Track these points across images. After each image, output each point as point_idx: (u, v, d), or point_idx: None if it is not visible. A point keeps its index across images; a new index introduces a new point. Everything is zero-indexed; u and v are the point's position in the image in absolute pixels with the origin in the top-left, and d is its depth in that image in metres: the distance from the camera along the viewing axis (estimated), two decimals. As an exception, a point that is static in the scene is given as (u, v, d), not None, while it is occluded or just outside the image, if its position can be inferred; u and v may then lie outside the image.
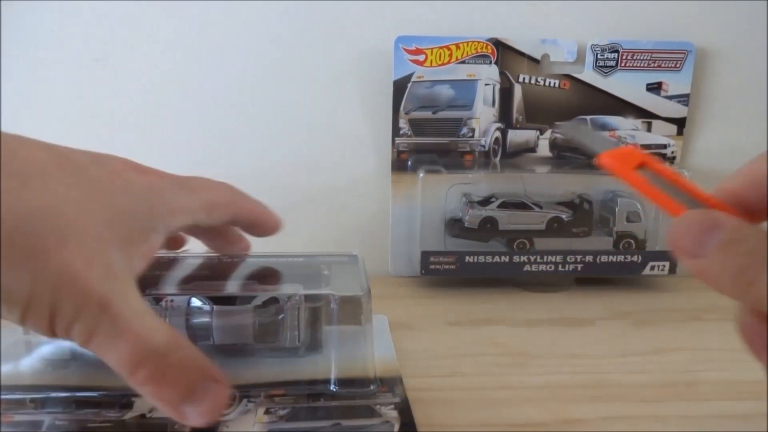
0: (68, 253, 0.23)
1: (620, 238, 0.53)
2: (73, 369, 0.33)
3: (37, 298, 0.22)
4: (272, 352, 0.35)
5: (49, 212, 0.23)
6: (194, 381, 0.24)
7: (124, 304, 0.24)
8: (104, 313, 0.23)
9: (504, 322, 0.46)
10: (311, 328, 0.35)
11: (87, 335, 0.23)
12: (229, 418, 0.30)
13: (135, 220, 0.26)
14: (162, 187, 0.29)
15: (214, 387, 0.25)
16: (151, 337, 0.24)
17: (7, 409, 0.30)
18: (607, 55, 0.54)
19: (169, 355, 0.24)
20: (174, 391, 0.24)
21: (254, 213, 0.34)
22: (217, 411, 0.25)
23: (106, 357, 0.24)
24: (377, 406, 0.32)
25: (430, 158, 0.54)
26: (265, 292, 0.34)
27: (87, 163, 0.26)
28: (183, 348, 0.25)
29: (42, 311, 0.23)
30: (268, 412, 0.31)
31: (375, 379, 0.34)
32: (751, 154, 0.64)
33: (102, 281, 0.24)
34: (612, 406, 0.34)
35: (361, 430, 0.30)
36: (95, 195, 0.25)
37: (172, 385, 0.24)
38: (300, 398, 0.32)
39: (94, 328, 0.23)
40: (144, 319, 0.25)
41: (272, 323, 0.34)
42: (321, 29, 0.53)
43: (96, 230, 0.24)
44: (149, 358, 0.24)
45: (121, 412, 0.30)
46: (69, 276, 0.23)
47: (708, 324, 0.47)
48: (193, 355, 0.25)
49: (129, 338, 0.24)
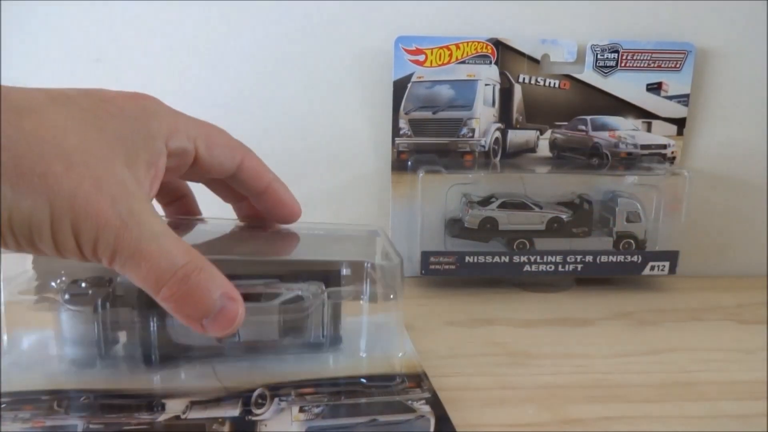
0: (77, 175, 0.24)
1: (620, 239, 0.53)
2: (99, 368, 0.33)
3: (58, 220, 0.23)
4: (297, 348, 0.35)
5: (50, 139, 0.24)
6: (213, 300, 0.26)
7: (142, 225, 0.25)
8: (122, 234, 0.24)
9: (504, 322, 0.46)
10: (332, 323, 0.35)
11: (110, 256, 0.24)
12: (265, 418, 0.30)
13: (134, 141, 0.27)
14: (156, 110, 0.29)
15: (232, 305, 0.27)
16: (170, 259, 0.25)
17: (36, 415, 0.30)
18: (607, 55, 0.54)
19: (190, 276, 0.26)
20: (195, 309, 0.26)
21: (263, 177, 0.34)
22: (235, 326, 0.27)
23: (130, 276, 0.25)
24: (409, 402, 0.32)
25: (430, 158, 0.54)
26: (290, 290, 0.34)
27: (78, 96, 0.27)
28: (203, 269, 0.26)
29: (66, 233, 0.24)
30: (303, 410, 0.31)
31: (401, 373, 0.34)
32: (751, 154, 0.64)
33: (116, 202, 0.24)
34: (612, 406, 0.34)
35: (399, 426, 0.30)
36: (91, 122, 0.26)
37: (194, 303, 0.26)
38: (332, 395, 0.32)
39: (115, 248, 0.24)
40: (162, 240, 0.25)
41: (298, 319, 0.34)
42: (321, 29, 0.53)
43: (99, 153, 0.25)
44: (171, 278, 0.25)
45: (153, 414, 0.30)
46: (83, 198, 0.23)
47: (708, 324, 0.47)
48: (212, 275, 0.27)
49: (149, 259, 0.25)
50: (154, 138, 0.28)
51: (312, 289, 0.34)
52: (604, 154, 0.55)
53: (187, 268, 0.26)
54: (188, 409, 0.30)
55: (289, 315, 0.33)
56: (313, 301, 0.34)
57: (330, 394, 0.32)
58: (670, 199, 0.53)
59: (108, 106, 0.27)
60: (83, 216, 0.24)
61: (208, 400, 0.31)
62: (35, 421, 0.29)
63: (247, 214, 0.37)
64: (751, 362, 0.40)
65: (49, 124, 0.24)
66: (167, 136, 0.28)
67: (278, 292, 0.34)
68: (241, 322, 0.28)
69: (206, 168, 0.32)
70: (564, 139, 0.55)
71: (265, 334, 0.34)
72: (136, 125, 0.27)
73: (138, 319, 0.33)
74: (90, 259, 0.25)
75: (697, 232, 0.58)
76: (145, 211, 0.25)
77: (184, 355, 0.34)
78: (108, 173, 0.25)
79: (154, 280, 0.25)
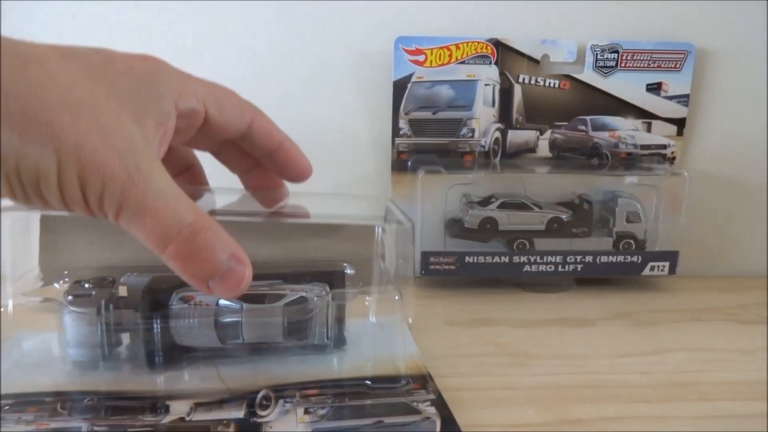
0: (84, 127, 0.23)
1: (620, 239, 0.53)
2: (102, 370, 0.33)
3: (64, 170, 0.23)
4: (301, 349, 0.35)
5: (57, 90, 0.23)
6: (220, 260, 0.26)
7: (149, 180, 0.24)
8: (129, 189, 0.24)
9: (504, 322, 0.46)
10: (336, 325, 0.35)
11: (116, 210, 0.24)
12: (270, 419, 0.30)
13: (143, 99, 0.26)
14: (166, 71, 0.28)
15: (238, 266, 0.26)
16: (176, 217, 0.25)
17: (39, 417, 0.30)
18: (607, 55, 0.54)
19: (197, 235, 0.25)
20: (201, 269, 0.26)
21: (274, 136, 0.34)
22: (242, 288, 0.27)
23: (136, 233, 0.25)
24: (414, 403, 0.32)
25: (430, 158, 0.54)
26: (294, 291, 0.34)
27: (87, 52, 0.26)
28: (210, 229, 0.26)
29: (73, 184, 0.23)
30: (308, 412, 0.31)
31: (405, 375, 0.34)
32: (751, 154, 0.64)
33: (124, 156, 0.24)
34: (612, 406, 0.34)
35: (404, 427, 0.30)
36: (100, 77, 0.25)
37: (200, 263, 0.25)
38: (336, 397, 0.32)
39: (121, 202, 0.24)
40: (169, 197, 0.25)
41: (302, 321, 0.34)
42: (321, 29, 0.53)
43: (107, 107, 0.24)
44: (177, 235, 0.25)
45: (158, 416, 0.30)
46: (89, 149, 0.23)
47: (708, 324, 0.47)
48: (219, 236, 0.26)
49: (154, 215, 0.24)
50: (164, 98, 0.27)
51: (316, 290, 0.35)
52: (604, 154, 0.55)
53: (194, 226, 0.25)
54: (192, 410, 0.30)
55: (294, 316, 0.33)
56: (318, 303, 0.34)
57: (335, 395, 0.32)
58: (670, 199, 0.53)
59: (117, 64, 0.26)
60: (90, 167, 0.23)
61: (212, 401, 0.31)
62: (39, 423, 0.29)
63: (255, 186, 0.36)
64: (751, 362, 0.40)
65: (56, 75, 0.23)
66: (176, 97, 0.28)
67: (282, 293, 0.34)
68: (248, 285, 0.27)
69: (217, 129, 0.31)
70: (564, 140, 0.55)
71: (270, 336, 0.34)
72: (145, 84, 0.27)
73: (141, 320, 0.33)
74: (96, 213, 0.24)
75: (697, 232, 0.58)
76: (153, 168, 0.25)
77: (188, 356, 0.34)
78: (116, 127, 0.24)
79: (160, 237, 0.25)
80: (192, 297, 0.33)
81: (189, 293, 0.34)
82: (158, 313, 0.33)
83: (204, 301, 0.33)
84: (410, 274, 0.35)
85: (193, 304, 0.33)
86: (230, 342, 0.34)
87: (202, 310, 0.33)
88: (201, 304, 0.33)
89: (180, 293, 0.34)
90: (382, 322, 0.36)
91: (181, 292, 0.34)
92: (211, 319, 0.33)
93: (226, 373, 0.34)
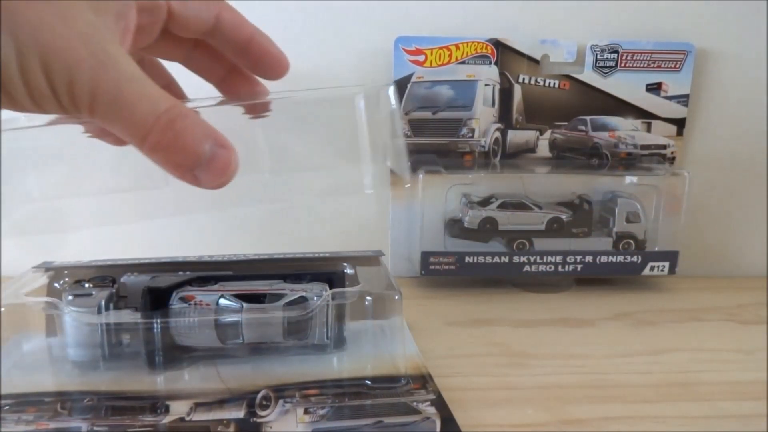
0: (38, 9, 0.22)
1: (620, 239, 0.53)
2: (102, 370, 0.33)
3: (25, 57, 0.21)
4: (301, 349, 0.35)
5: None
6: (203, 146, 0.24)
7: (119, 65, 0.23)
8: (99, 75, 0.22)
9: (504, 323, 0.46)
10: (336, 325, 0.35)
11: (89, 102, 0.23)
12: (270, 419, 0.30)
13: None
14: None
15: (223, 151, 0.25)
16: (152, 102, 0.23)
17: (40, 417, 0.30)
18: (607, 55, 0.54)
19: (175, 122, 0.24)
20: (185, 157, 0.24)
21: (245, 29, 0.32)
22: (230, 174, 0.25)
23: (112, 127, 0.23)
24: (414, 403, 0.32)
25: (430, 158, 0.54)
26: (294, 291, 0.34)
27: None
28: (187, 115, 0.24)
29: (36, 71, 0.22)
30: (308, 412, 0.31)
31: (405, 375, 0.34)
32: (751, 154, 0.64)
33: (88, 41, 0.22)
34: (612, 406, 0.34)
35: (404, 427, 0.30)
36: None
37: (182, 150, 0.24)
38: (336, 397, 0.32)
39: (93, 92, 0.22)
40: (142, 83, 0.23)
41: (302, 321, 0.34)
42: (321, 29, 0.53)
43: None
44: (155, 124, 0.23)
45: (158, 416, 0.30)
46: (48, 31, 0.22)
47: (708, 324, 0.47)
48: (198, 122, 0.25)
49: (129, 104, 0.23)
50: None
51: (316, 290, 0.35)
52: (604, 154, 0.55)
53: (171, 113, 0.24)
54: (192, 410, 0.30)
55: (294, 316, 0.33)
56: (317, 303, 0.34)
57: (335, 395, 0.32)
58: (670, 199, 0.53)
59: None
60: (52, 52, 0.22)
61: (212, 401, 0.31)
62: (39, 423, 0.29)
63: (234, 94, 0.35)
64: (750, 362, 0.40)
65: None
66: None
67: (282, 293, 0.34)
68: (236, 170, 0.25)
69: (182, 23, 0.29)
70: (564, 140, 0.55)
71: (269, 336, 0.34)
72: None
73: (141, 320, 0.33)
74: (69, 109, 0.23)
75: (697, 232, 0.58)
76: (120, 54, 0.23)
77: (188, 356, 0.34)
78: (75, 12, 0.22)
79: (137, 128, 0.23)
80: (192, 297, 0.33)
81: (189, 293, 0.34)
82: (158, 313, 0.33)
83: (204, 301, 0.33)
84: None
85: (193, 304, 0.33)
86: (230, 342, 0.34)
87: (202, 310, 0.33)
88: (201, 303, 0.33)
89: (180, 293, 0.34)
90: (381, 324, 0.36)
91: (181, 292, 0.34)
92: (211, 319, 0.33)
93: (226, 373, 0.34)
